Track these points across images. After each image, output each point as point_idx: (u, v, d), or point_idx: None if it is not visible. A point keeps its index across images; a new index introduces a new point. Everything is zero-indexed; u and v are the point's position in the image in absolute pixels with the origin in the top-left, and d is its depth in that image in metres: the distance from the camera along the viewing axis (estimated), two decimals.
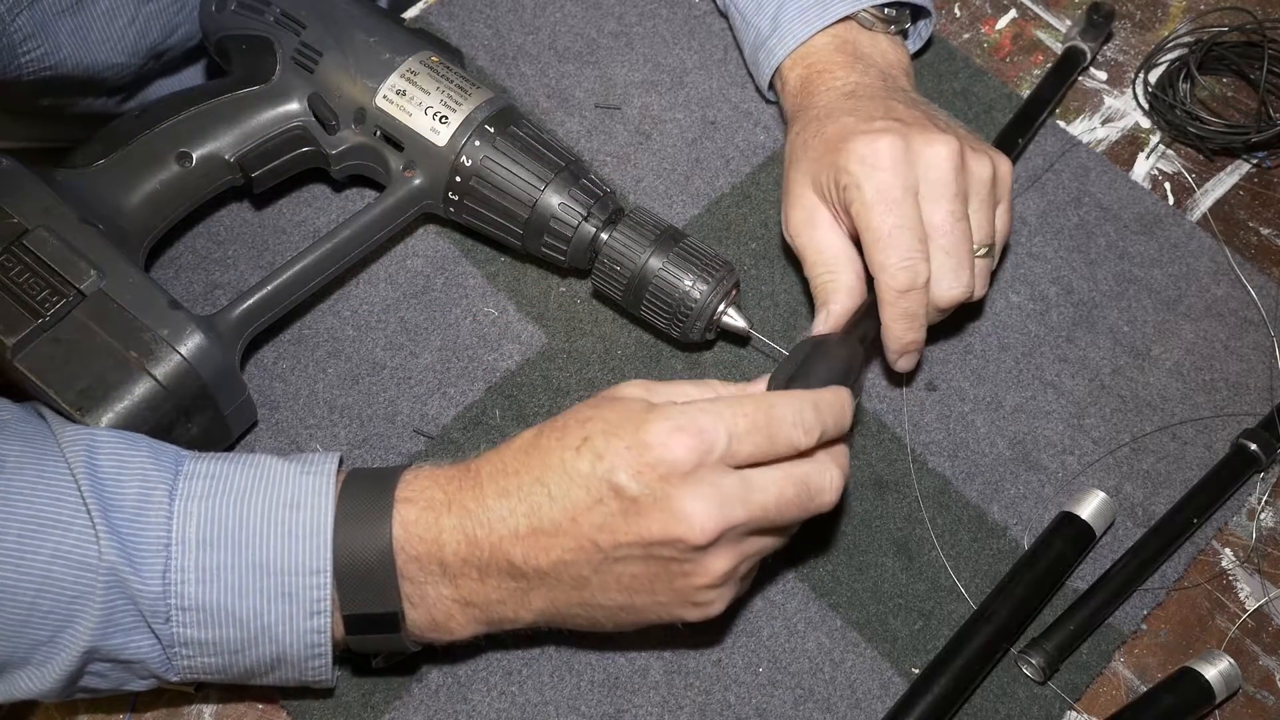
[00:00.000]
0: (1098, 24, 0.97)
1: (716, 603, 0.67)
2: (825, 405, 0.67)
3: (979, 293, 0.80)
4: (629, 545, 0.64)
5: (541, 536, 0.65)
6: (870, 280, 0.78)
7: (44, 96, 0.94)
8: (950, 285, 0.77)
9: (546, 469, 0.65)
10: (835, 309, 0.79)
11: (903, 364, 0.80)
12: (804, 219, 0.81)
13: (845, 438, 0.69)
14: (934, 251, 0.76)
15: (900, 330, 0.77)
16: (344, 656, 0.72)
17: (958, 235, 0.76)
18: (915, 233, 0.76)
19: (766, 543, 0.68)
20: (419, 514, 0.66)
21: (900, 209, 0.76)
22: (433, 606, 0.67)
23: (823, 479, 0.66)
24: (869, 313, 0.78)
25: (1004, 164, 0.80)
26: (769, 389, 0.71)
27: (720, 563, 0.65)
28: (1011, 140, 0.90)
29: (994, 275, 0.87)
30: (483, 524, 0.65)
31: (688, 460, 0.62)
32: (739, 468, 0.64)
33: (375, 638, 0.67)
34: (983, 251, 0.78)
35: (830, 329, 0.78)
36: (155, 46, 0.95)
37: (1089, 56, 0.96)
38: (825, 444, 0.67)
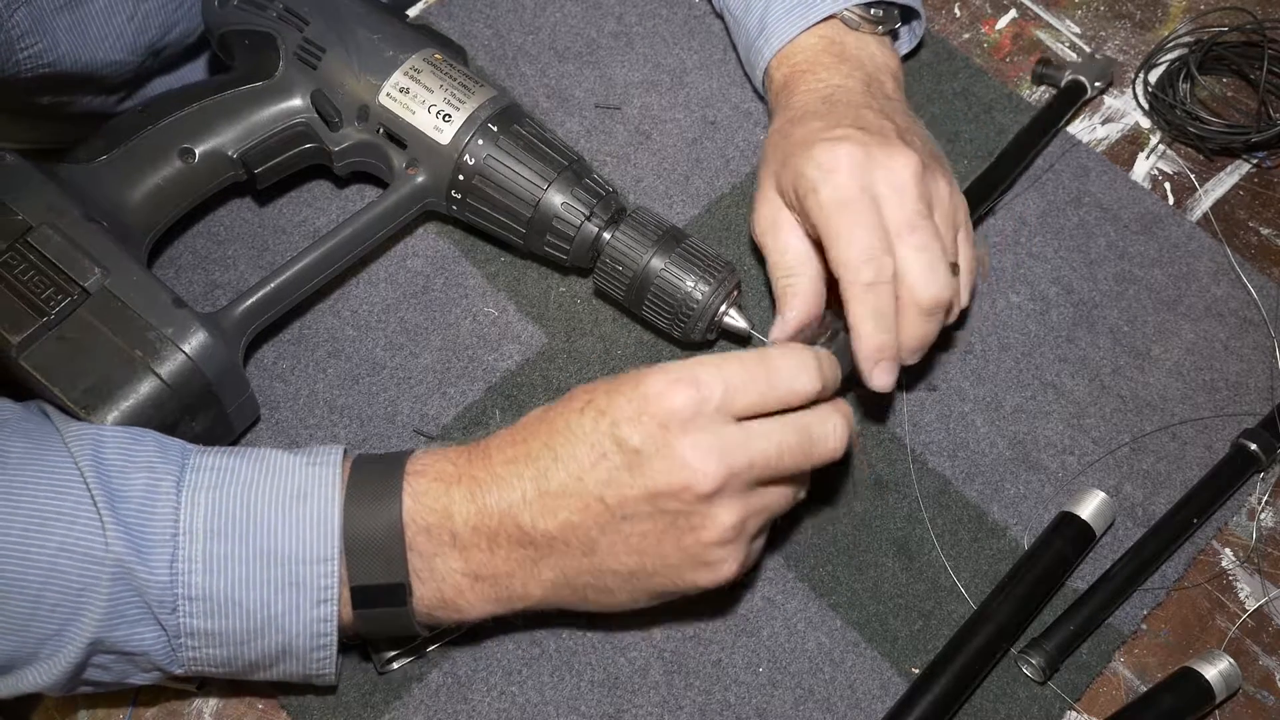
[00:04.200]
0: (1049, 74, 0.97)
1: (728, 562, 0.67)
2: (825, 359, 0.68)
3: (955, 308, 0.78)
4: (635, 500, 0.65)
5: (549, 499, 0.65)
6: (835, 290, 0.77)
7: (43, 95, 0.93)
8: (928, 281, 0.74)
9: (553, 433, 0.66)
10: (790, 315, 0.79)
11: (878, 377, 0.76)
12: (768, 221, 0.81)
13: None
14: (906, 251, 0.74)
15: (870, 329, 0.74)
16: (346, 647, 0.72)
17: (927, 231, 0.75)
18: (875, 230, 0.74)
19: (773, 496, 0.68)
20: (428, 485, 0.67)
21: (857, 206, 0.75)
22: (441, 581, 0.67)
23: (824, 427, 0.67)
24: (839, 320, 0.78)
25: (959, 194, 0.80)
26: None
27: (727, 514, 0.65)
28: (984, 192, 0.90)
29: (972, 304, 0.87)
30: (491, 491, 0.66)
31: (685, 408, 0.64)
32: (741, 419, 0.65)
33: (383, 612, 0.67)
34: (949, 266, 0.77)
35: (785, 336, 0.79)
36: (154, 44, 0.95)
37: (1088, 90, 0.96)
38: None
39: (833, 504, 0.80)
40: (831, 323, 0.80)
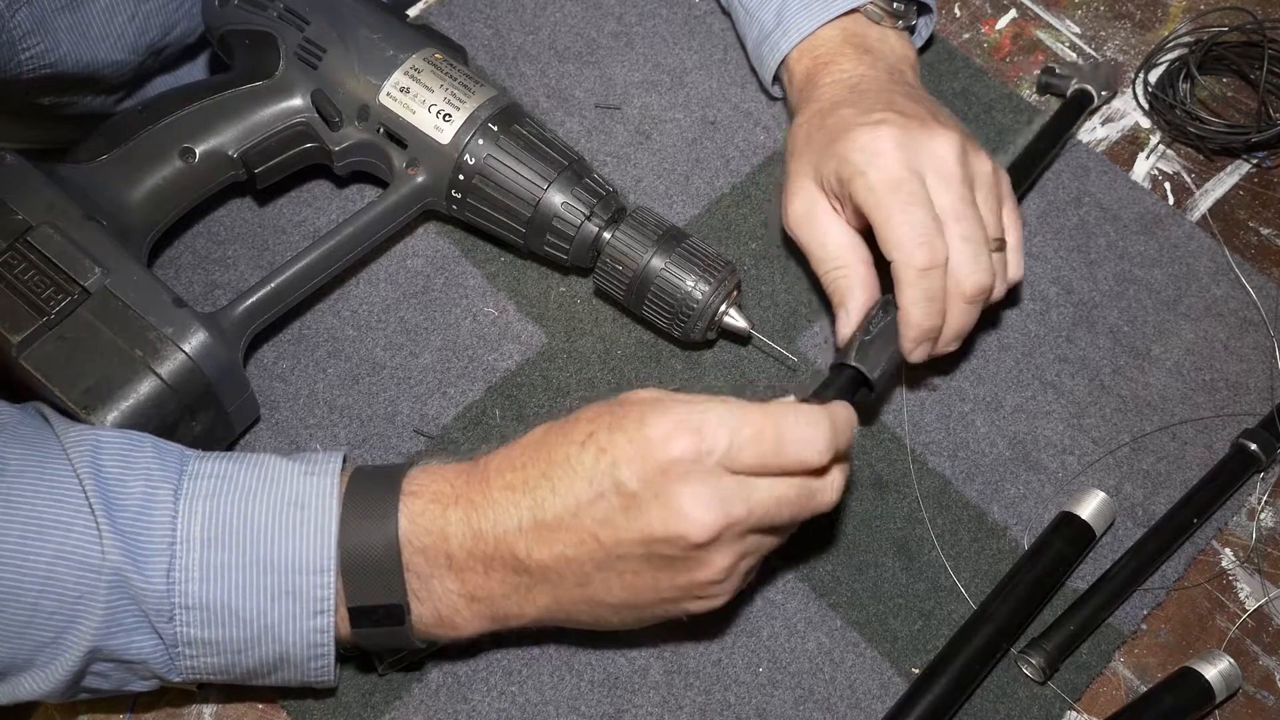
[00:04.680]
0: (1054, 84, 0.97)
1: (720, 596, 0.67)
2: (841, 423, 0.66)
3: (999, 289, 0.78)
4: (630, 542, 0.64)
5: (544, 530, 0.65)
6: (882, 271, 0.78)
7: (45, 95, 0.93)
8: (972, 270, 0.75)
9: (552, 464, 0.65)
10: (853, 306, 0.79)
11: (918, 354, 0.77)
12: (804, 212, 0.81)
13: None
14: (952, 240, 0.75)
15: (920, 315, 0.75)
16: (345, 657, 0.72)
17: (972, 219, 0.75)
18: (928, 209, 0.75)
19: (767, 541, 0.68)
20: (425, 506, 0.66)
21: (908, 187, 0.75)
22: (438, 601, 0.67)
23: (823, 480, 0.66)
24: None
25: (1002, 170, 0.80)
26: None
27: (722, 559, 0.65)
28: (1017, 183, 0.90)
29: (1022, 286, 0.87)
30: (488, 517, 0.65)
31: (686, 457, 0.62)
32: (740, 473, 0.64)
33: (381, 631, 0.67)
34: (994, 246, 0.77)
35: (850, 328, 0.78)
36: (154, 43, 0.95)
37: (1095, 99, 0.96)
38: None
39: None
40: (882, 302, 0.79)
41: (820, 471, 0.66)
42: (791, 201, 0.82)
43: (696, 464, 0.63)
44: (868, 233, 0.78)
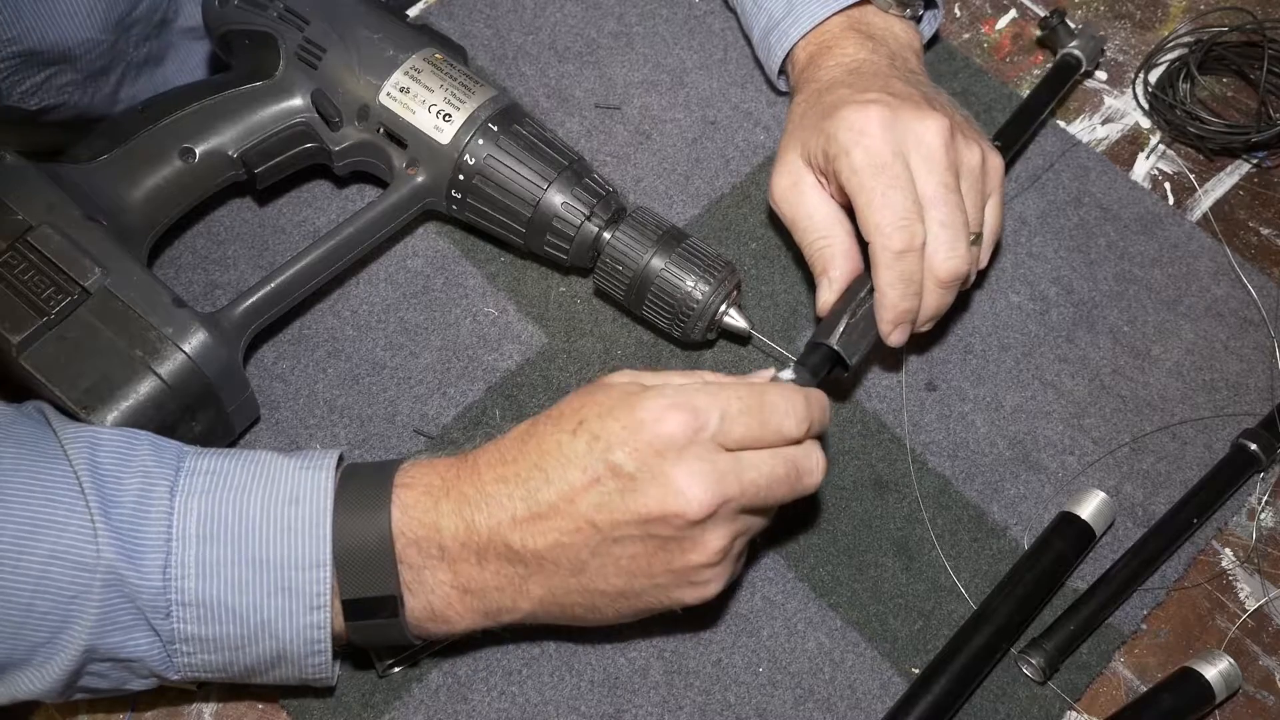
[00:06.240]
0: (1057, 27, 0.97)
1: (714, 582, 0.68)
2: (815, 401, 0.69)
3: (973, 275, 0.79)
4: (626, 524, 0.64)
5: (538, 520, 0.65)
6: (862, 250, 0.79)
7: (20, 82, 0.91)
8: (947, 256, 0.76)
9: (543, 454, 0.66)
10: (836, 275, 0.80)
11: (895, 337, 0.79)
12: (789, 185, 0.82)
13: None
14: (930, 225, 0.76)
15: (896, 296, 0.77)
16: (344, 653, 0.72)
17: (951, 205, 0.76)
18: (908, 193, 0.76)
19: (755, 521, 0.69)
20: (417, 498, 0.67)
21: (891, 170, 0.76)
22: (431, 594, 0.67)
23: (809, 461, 0.68)
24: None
25: (994, 157, 0.81)
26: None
27: (716, 539, 0.66)
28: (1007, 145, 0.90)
29: (988, 272, 0.88)
30: (480, 509, 0.66)
31: (681, 436, 0.64)
32: (730, 450, 0.65)
33: (375, 624, 0.67)
34: (971, 238, 0.78)
35: (834, 296, 0.79)
36: (123, 17, 0.93)
37: (1083, 65, 0.96)
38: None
39: (833, 504, 0.80)
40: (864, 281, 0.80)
41: (798, 444, 0.68)
42: (777, 176, 0.83)
43: (691, 442, 0.64)
44: (850, 209, 0.79)
